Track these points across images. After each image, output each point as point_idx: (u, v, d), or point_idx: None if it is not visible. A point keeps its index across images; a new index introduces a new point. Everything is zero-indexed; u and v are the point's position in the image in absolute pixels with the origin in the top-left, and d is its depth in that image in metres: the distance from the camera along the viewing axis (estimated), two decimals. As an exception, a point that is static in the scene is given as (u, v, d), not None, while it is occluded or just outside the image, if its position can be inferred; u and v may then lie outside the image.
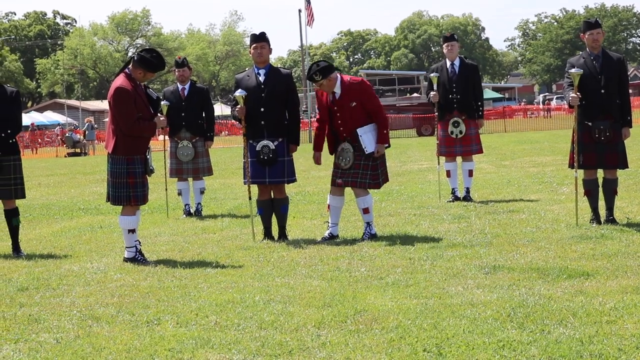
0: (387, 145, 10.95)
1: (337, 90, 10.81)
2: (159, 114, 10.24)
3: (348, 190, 11.40)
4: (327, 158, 11.43)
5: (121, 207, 10.13)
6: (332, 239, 10.93)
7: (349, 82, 10.81)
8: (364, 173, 10.86)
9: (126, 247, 10.07)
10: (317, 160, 11.39)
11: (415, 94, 56.32)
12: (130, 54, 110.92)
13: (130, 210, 10.04)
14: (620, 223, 10.97)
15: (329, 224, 11.10)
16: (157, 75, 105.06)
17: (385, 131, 10.88)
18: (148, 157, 10.04)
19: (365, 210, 10.94)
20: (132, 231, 10.04)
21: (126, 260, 9.97)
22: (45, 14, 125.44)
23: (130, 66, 9.91)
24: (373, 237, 10.82)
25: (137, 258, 9.95)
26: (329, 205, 11.09)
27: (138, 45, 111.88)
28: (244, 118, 11.01)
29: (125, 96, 9.77)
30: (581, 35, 11.30)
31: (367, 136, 10.80)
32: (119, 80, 9.90)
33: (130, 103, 9.80)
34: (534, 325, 6.37)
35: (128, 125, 9.80)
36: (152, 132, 10.14)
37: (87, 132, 52.98)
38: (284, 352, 6.05)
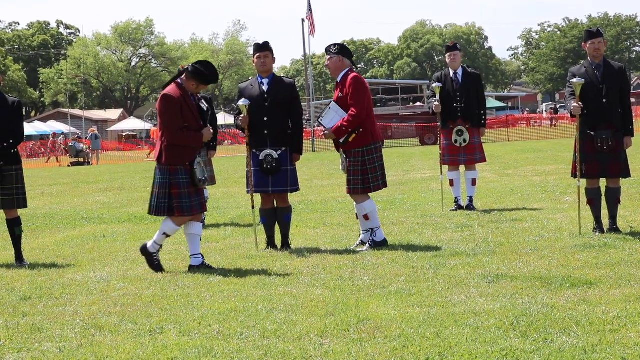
0: (342, 140, 10.82)
1: (339, 79, 10.96)
2: (208, 126, 10.18)
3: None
4: (331, 166, 11.42)
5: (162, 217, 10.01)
6: (362, 244, 10.97)
7: (347, 74, 10.88)
8: (355, 179, 10.90)
9: (191, 255, 9.93)
10: None
11: (418, 103, 56.29)
12: (133, 63, 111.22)
13: (178, 220, 9.91)
14: (623, 232, 10.97)
15: (361, 232, 11.10)
16: (161, 85, 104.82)
17: (343, 127, 10.73)
18: (195, 167, 9.93)
19: (365, 217, 10.95)
20: (166, 235, 9.95)
21: (191, 267, 9.85)
22: (49, 24, 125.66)
23: (183, 77, 9.86)
24: (379, 244, 10.77)
25: (206, 264, 9.86)
26: (356, 214, 11.15)
27: (141, 55, 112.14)
28: (247, 127, 11.02)
29: (171, 103, 9.72)
30: (583, 45, 11.32)
31: (332, 114, 10.85)
32: (168, 88, 9.87)
33: (175, 111, 9.72)
34: (537, 334, 6.36)
35: (172, 133, 9.73)
36: (198, 143, 9.98)
37: (91, 141, 52.99)
38: (286, 361, 6.05)
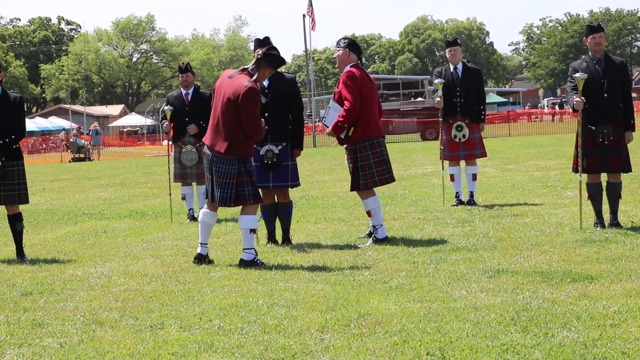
0: (343, 135, 10.89)
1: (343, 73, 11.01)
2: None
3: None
4: (332, 161, 11.42)
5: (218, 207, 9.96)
6: (368, 236, 11.08)
7: (346, 70, 10.91)
8: (355, 175, 10.95)
9: (244, 249, 9.78)
10: None
11: (419, 98, 56.35)
12: (134, 59, 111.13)
13: (251, 209, 9.84)
14: (624, 227, 10.96)
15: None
16: (162, 80, 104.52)
17: (339, 123, 10.77)
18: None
19: (369, 214, 11.01)
20: (253, 231, 9.82)
21: (242, 262, 9.68)
22: (50, 20, 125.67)
23: (253, 66, 9.72)
24: (380, 241, 10.77)
25: (257, 261, 9.68)
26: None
27: (142, 51, 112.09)
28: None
29: (258, 96, 9.62)
30: (584, 39, 11.30)
31: (332, 112, 10.93)
32: (244, 79, 9.60)
33: (260, 104, 9.72)
34: (537, 329, 6.36)
35: (255, 126, 9.60)
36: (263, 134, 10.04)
37: (92, 137, 53.00)
38: (287, 356, 6.04)
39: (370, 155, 10.92)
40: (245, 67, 9.85)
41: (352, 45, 11.03)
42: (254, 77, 9.63)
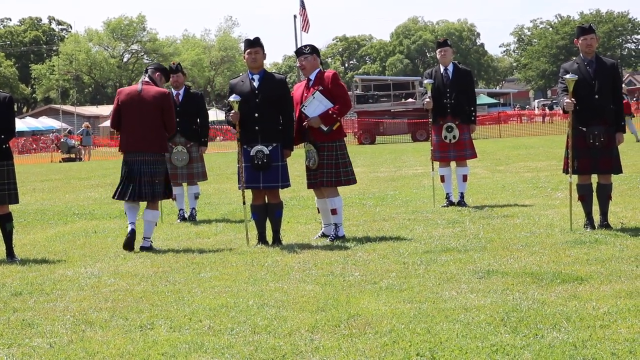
0: (327, 128, 11.23)
1: (312, 77, 11.38)
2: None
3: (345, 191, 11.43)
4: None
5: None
6: (324, 237, 11.44)
7: (324, 72, 11.37)
8: (329, 172, 11.25)
9: (146, 238, 11.25)
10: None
11: (410, 100, 56.26)
12: (125, 59, 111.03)
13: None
14: (614, 228, 10.98)
15: (322, 224, 11.65)
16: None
17: (334, 115, 11.18)
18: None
19: (333, 212, 11.31)
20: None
21: (143, 248, 11.14)
22: (41, 20, 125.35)
23: (147, 80, 11.22)
24: (339, 238, 11.13)
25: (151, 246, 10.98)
26: (318, 208, 11.69)
27: (133, 51, 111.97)
28: (238, 123, 11.03)
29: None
30: (575, 41, 11.32)
31: (316, 103, 11.20)
32: (156, 88, 11.35)
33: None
34: (527, 330, 6.37)
35: (174, 123, 11.66)
36: None
37: (83, 137, 52.86)
38: (277, 357, 6.04)
39: (347, 155, 11.43)
40: (146, 80, 11.38)
41: (316, 50, 11.51)
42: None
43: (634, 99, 68.00)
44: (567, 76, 10.85)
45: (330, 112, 11.13)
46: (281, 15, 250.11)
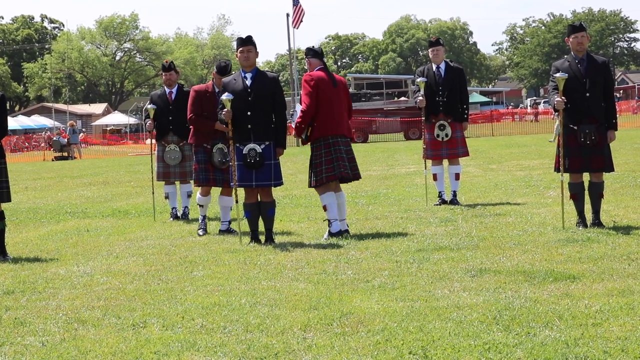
0: (299, 136, 11.76)
1: None
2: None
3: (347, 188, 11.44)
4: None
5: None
6: (339, 234, 11.35)
7: (305, 74, 11.72)
8: (309, 173, 11.62)
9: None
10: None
11: (403, 98, 56.33)
12: (117, 58, 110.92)
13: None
14: (606, 226, 10.99)
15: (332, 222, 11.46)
16: (145, 79, 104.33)
17: (297, 124, 11.52)
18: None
19: (324, 208, 11.52)
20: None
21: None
22: (33, 18, 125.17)
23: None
24: (332, 235, 11.21)
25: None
26: (324, 206, 11.59)
27: (126, 49, 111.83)
28: (230, 121, 11.03)
29: None
30: (566, 39, 11.33)
31: (298, 112, 11.79)
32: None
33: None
34: (519, 328, 6.37)
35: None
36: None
37: (69, 135, 52.70)
38: (270, 355, 6.04)
39: (323, 154, 11.40)
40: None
41: (312, 52, 11.85)
42: None
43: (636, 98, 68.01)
44: (558, 75, 10.86)
45: (296, 122, 11.52)
46: (274, 14, 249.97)
